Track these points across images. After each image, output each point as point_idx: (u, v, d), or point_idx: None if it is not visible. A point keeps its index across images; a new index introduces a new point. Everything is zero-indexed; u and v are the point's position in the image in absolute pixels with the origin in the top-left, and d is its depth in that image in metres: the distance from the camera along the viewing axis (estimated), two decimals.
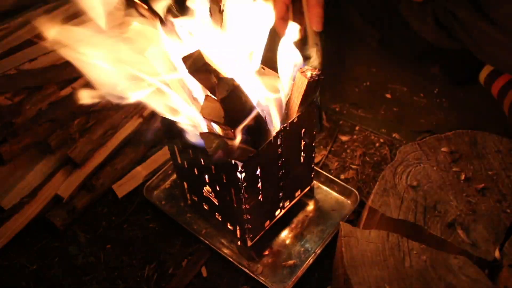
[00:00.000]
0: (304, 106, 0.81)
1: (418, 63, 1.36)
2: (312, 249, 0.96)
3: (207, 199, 0.94)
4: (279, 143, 0.82)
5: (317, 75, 0.77)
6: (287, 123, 0.81)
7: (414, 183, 0.75)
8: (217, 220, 0.96)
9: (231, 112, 0.71)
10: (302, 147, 0.90)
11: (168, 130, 0.88)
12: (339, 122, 1.24)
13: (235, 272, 0.95)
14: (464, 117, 1.22)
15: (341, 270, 0.69)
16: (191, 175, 0.92)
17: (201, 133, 0.72)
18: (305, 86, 0.77)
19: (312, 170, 1.00)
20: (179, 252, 1.00)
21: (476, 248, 0.66)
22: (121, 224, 1.06)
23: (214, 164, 0.82)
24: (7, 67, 1.15)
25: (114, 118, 1.18)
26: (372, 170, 1.12)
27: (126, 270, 0.97)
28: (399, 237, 0.68)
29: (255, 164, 0.80)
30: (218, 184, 0.86)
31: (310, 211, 1.03)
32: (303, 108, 0.81)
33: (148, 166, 1.14)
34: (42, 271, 0.98)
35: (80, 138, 1.11)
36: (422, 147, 0.80)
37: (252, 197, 0.83)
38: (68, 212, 1.04)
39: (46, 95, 1.13)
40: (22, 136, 1.06)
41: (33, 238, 1.04)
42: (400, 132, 1.21)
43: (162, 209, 1.05)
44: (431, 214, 0.71)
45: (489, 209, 0.71)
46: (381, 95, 1.31)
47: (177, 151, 0.92)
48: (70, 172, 1.10)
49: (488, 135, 0.81)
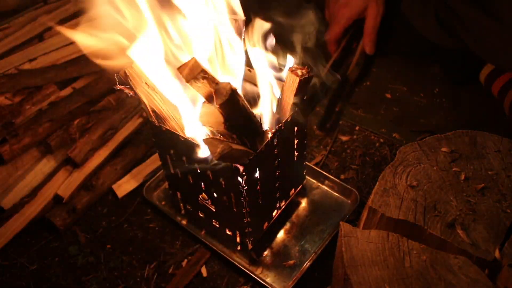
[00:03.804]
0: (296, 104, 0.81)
1: (418, 63, 1.36)
2: (312, 249, 0.96)
3: (202, 206, 0.93)
4: (275, 143, 0.82)
5: (308, 73, 0.77)
6: (281, 122, 0.81)
7: (414, 183, 0.74)
8: (214, 226, 0.96)
9: (231, 116, 0.71)
10: (296, 145, 0.90)
11: (160, 138, 0.87)
12: (339, 122, 1.24)
13: (235, 272, 0.95)
14: (464, 117, 1.22)
15: (341, 270, 0.68)
16: (185, 184, 0.91)
17: (204, 139, 0.72)
18: (296, 85, 0.77)
19: (304, 168, 1.01)
20: (179, 252, 1.00)
21: (476, 248, 0.66)
22: (121, 224, 1.06)
23: (212, 170, 0.81)
24: (7, 67, 1.16)
25: (114, 118, 1.18)
26: (372, 170, 1.12)
27: (126, 270, 0.98)
28: (399, 237, 0.68)
29: (255, 166, 0.80)
30: (215, 190, 0.86)
31: (310, 211, 1.03)
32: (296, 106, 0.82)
33: (148, 166, 1.14)
34: (42, 271, 0.98)
35: (80, 138, 1.11)
36: (422, 147, 0.80)
37: (252, 200, 0.83)
38: (68, 212, 1.04)
39: (46, 95, 1.13)
40: (22, 136, 1.06)
41: (33, 238, 1.04)
42: (400, 132, 1.21)
43: (162, 209, 1.05)
44: (431, 214, 0.71)
45: (489, 209, 0.71)
46: (381, 95, 1.31)
47: (169, 160, 0.90)
48: (70, 172, 1.10)
49: (488, 135, 0.81)
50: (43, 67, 1.17)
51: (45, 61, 1.19)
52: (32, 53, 1.20)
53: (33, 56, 1.19)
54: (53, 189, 1.07)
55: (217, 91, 0.68)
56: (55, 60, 1.20)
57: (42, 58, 1.20)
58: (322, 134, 1.21)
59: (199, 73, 0.68)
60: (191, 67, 0.68)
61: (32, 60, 1.19)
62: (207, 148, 0.72)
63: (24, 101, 1.10)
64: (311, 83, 0.80)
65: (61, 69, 1.18)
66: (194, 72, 0.67)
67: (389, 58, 1.39)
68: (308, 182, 1.08)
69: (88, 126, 1.14)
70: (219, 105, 0.68)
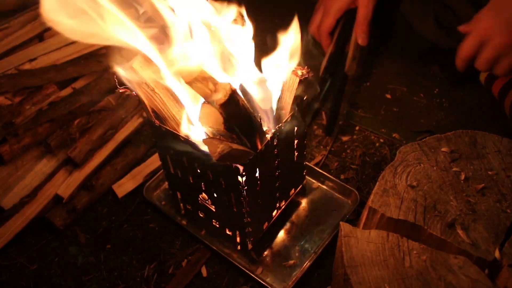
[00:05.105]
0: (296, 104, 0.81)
1: (418, 63, 1.36)
2: (312, 249, 0.96)
3: (202, 206, 0.93)
4: (275, 143, 0.82)
5: (308, 73, 0.77)
6: (282, 122, 0.81)
7: (414, 183, 0.74)
8: (214, 226, 0.96)
9: (231, 117, 0.71)
10: (295, 145, 0.90)
11: (160, 138, 0.87)
12: (339, 122, 1.24)
13: (235, 272, 0.95)
14: (464, 117, 1.22)
15: (341, 270, 0.69)
16: (185, 184, 0.91)
17: (204, 139, 0.72)
18: (296, 85, 0.77)
19: (304, 168, 1.01)
20: (179, 252, 1.00)
21: (476, 248, 0.66)
22: (121, 224, 1.06)
23: (212, 170, 0.82)
24: (7, 67, 1.15)
25: (114, 118, 1.18)
26: (372, 170, 1.12)
27: (126, 270, 0.98)
28: (399, 237, 0.68)
29: (255, 166, 0.80)
30: (216, 190, 0.86)
31: (310, 211, 1.03)
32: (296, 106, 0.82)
33: (148, 166, 1.14)
34: (42, 271, 0.98)
35: (80, 138, 1.11)
36: (422, 147, 0.80)
37: (252, 200, 0.83)
38: (68, 212, 1.04)
39: (46, 95, 1.13)
40: (22, 136, 1.06)
41: (33, 238, 1.04)
42: (400, 132, 1.21)
43: (162, 209, 1.05)
44: (431, 214, 0.71)
45: (489, 209, 0.71)
46: (381, 95, 1.31)
47: (170, 160, 0.90)
48: (70, 172, 1.10)
49: (488, 135, 0.81)
50: (43, 67, 1.17)
51: (45, 61, 1.19)
52: (32, 53, 1.20)
53: (33, 56, 1.19)
54: (53, 189, 1.07)
55: (216, 92, 0.68)
56: (55, 60, 1.20)
57: (42, 58, 1.20)
58: (323, 134, 1.21)
59: (199, 74, 0.68)
60: (190, 68, 0.68)
61: (32, 60, 1.19)
62: (207, 148, 0.72)
63: (24, 101, 1.10)
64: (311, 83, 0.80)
65: (61, 69, 1.18)
66: (194, 73, 0.68)
67: (389, 58, 1.39)
68: (308, 182, 1.08)
69: (88, 126, 1.14)
70: (219, 105, 0.68)
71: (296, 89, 0.78)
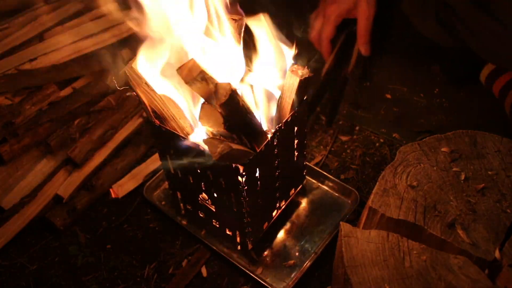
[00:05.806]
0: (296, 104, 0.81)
1: (418, 63, 1.36)
2: (312, 249, 0.96)
3: (202, 206, 0.93)
4: (275, 143, 0.82)
5: (308, 73, 0.77)
6: (281, 122, 0.81)
7: (414, 183, 0.74)
8: (214, 226, 0.96)
9: (230, 117, 0.71)
10: (295, 145, 0.90)
11: (160, 138, 0.87)
12: (339, 122, 1.24)
13: (235, 272, 0.95)
14: (464, 117, 1.22)
15: (341, 270, 0.69)
16: (185, 184, 0.91)
17: (204, 139, 0.72)
18: (297, 85, 0.77)
19: (304, 168, 1.01)
20: (179, 252, 1.00)
21: (476, 248, 0.66)
22: (121, 224, 1.06)
23: (212, 170, 0.82)
24: (7, 67, 1.15)
25: (114, 118, 1.18)
26: (372, 170, 1.12)
27: (126, 270, 0.98)
28: (399, 237, 0.68)
29: (255, 166, 0.80)
30: (216, 190, 0.86)
31: (310, 211, 1.03)
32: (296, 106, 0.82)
33: (148, 166, 1.14)
34: (42, 271, 0.98)
35: (80, 138, 1.11)
36: (422, 147, 0.80)
37: (252, 200, 0.83)
38: (68, 212, 1.04)
39: (46, 95, 1.13)
40: (22, 136, 1.06)
41: (33, 238, 1.04)
42: (400, 132, 1.21)
43: (162, 209, 1.05)
44: (431, 214, 0.70)
45: (489, 209, 0.71)
46: (381, 95, 1.31)
47: (169, 160, 0.90)
48: (70, 172, 1.10)
49: (488, 135, 0.81)
50: (43, 67, 1.17)
51: (45, 61, 1.19)
52: (32, 53, 1.20)
53: (33, 56, 1.19)
54: (53, 189, 1.07)
55: (216, 92, 0.68)
56: (55, 60, 1.20)
57: (42, 58, 1.19)
58: (323, 134, 1.21)
59: (198, 74, 0.68)
60: (190, 67, 0.68)
61: (32, 60, 1.18)
62: (207, 148, 0.72)
63: (24, 101, 1.10)
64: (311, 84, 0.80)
65: (61, 69, 1.18)
66: (193, 73, 0.67)
67: (389, 58, 1.39)
68: (308, 182, 1.08)
69: (88, 126, 1.14)
70: (219, 105, 0.68)
71: (297, 89, 0.78)
